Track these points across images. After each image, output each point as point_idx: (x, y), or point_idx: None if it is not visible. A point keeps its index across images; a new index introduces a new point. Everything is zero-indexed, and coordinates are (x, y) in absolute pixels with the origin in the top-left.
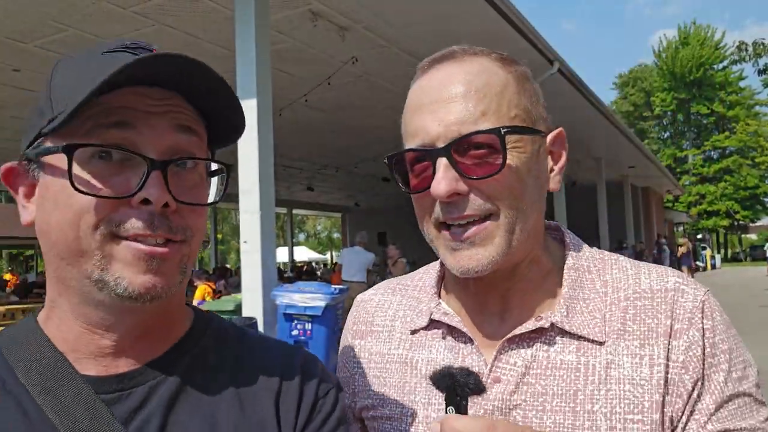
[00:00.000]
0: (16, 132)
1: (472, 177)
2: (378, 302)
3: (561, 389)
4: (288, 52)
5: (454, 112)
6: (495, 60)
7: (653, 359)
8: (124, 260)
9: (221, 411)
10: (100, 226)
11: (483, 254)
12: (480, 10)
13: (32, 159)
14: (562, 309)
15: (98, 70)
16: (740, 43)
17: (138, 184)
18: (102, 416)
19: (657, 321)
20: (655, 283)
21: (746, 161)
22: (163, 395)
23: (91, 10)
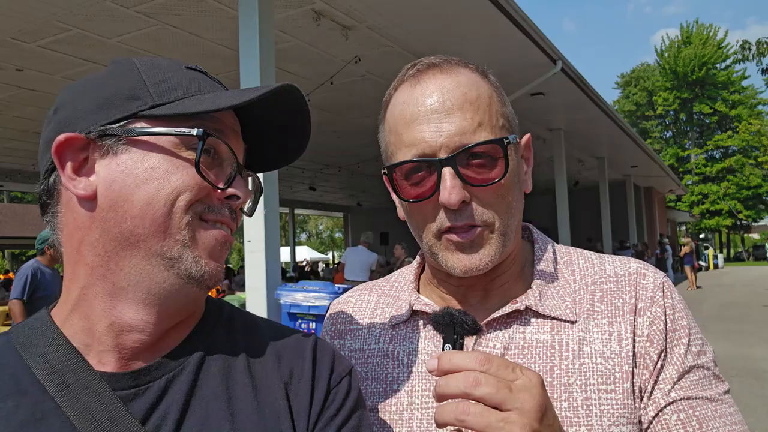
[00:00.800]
0: (19, 131)
1: (476, 185)
2: (355, 302)
3: (538, 366)
4: (291, 51)
5: (454, 123)
6: (475, 71)
7: (621, 335)
8: (206, 243)
9: (237, 402)
10: (194, 204)
11: (484, 254)
12: (484, 9)
13: (118, 134)
14: (536, 294)
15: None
16: (743, 42)
17: (227, 181)
18: (120, 416)
19: (622, 301)
20: (618, 268)
21: (749, 161)
22: (180, 389)
23: (94, 9)
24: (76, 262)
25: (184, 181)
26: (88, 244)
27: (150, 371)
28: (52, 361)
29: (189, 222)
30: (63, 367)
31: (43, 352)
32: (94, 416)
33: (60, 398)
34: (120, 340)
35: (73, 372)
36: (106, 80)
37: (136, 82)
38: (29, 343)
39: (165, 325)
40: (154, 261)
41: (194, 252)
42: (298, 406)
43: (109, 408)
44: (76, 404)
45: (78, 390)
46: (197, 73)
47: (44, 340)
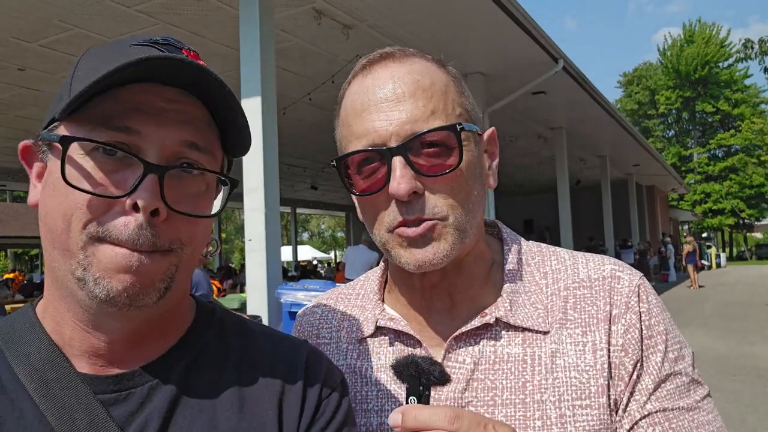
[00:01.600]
0: (21, 131)
1: (428, 175)
2: (321, 314)
3: (510, 382)
4: (292, 50)
5: (405, 110)
6: (432, 61)
7: (596, 345)
8: (104, 263)
9: (222, 413)
10: (88, 225)
11: (438, 248)
12: (485, 8)
13: (43, 141)
14: (506, 303)
15: (116, 62)
16: (746, 40)
17: (132, 186)
18: (100, 419)
19: (596, 308)
20: (592, 271)
21: (752, 159)
22: (163, 397)
23: (95, 9)
24: (46, 266)
25: (73, 198)
26: (43, 247)
27: (133, 377)
28: (33, 359)
29: (84, 244)
30: (44, 366)
31: (25, 349)
32: (73, 418)
33: (39, 397)
34: (86, 346)
35: (54, 372)
36: None
37: (68, 79)
38: (11, 340)
39: (130, 337)
40: (69, 278)
41: (94, 274)
42: (287, 417)
43: (89, 410)
44: (56, 405)
45: (58, 390)
46: (139, 48)
47: (27, 338)
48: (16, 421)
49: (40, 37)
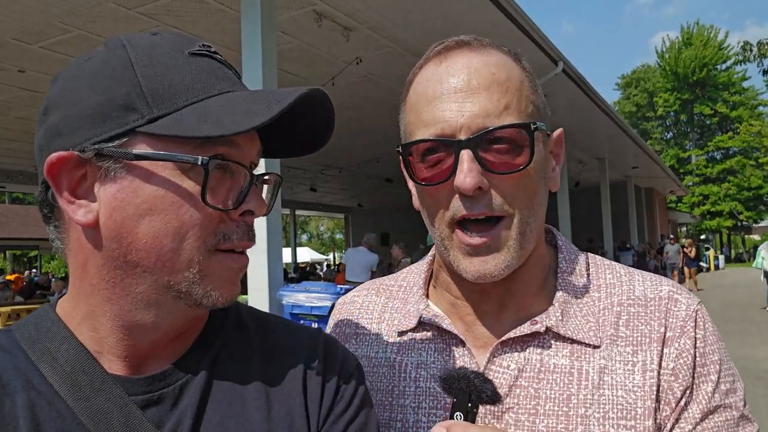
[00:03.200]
0: (20, 132)
1: (496, 172)
2: (362, 304)
3: (554, 393)
4: (292, 52)
5: (478, 103)
6: (508, 54)
7: (645, 366)
8: (219, 274)
9: (251, 404)
10: (207, 239)
11: (499, 259)
12: (485, 10)
13: (115, 156)
14: (557, 312)
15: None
16: (744, 43)
17: (240, 196)
18: (136, 421)
19: (650, 328)
20: (649, 290)
21: (750, 162)
22: (194, 395)
23: (96, 11)
24: (82, 279)
25: (192, 216)
26: (94, 267)
27: (164, 377)
28: (62, 362)
29: (202, 258)
30: (74, 369)
31: (52, 352)
32: (109, 421)
33: (72, 400)
34: (129, 351)
35: (86, 374)
36: (99, 78)
37: (131, 86)
38: (36, 342)
39: (173, 333)
40: (161, 291)
41: (205, 287)
42: (311, 404)
43: (124, 412)
44: (90, 408)
45: (90, 393)
46: (202, 60)
47: (53, 341)
48: (54, 421)
49: (40, 39)
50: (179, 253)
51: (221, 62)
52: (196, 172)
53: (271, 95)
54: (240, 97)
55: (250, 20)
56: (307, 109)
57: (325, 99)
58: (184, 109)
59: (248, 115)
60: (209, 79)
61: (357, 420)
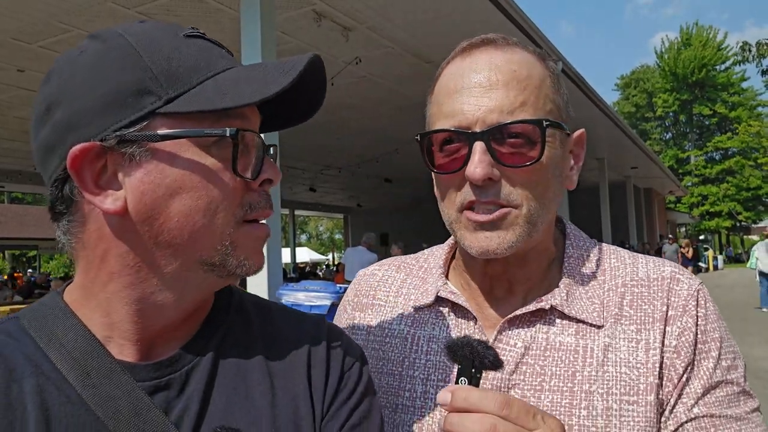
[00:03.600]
0: (19, 132)
1: (507, 164)
2: (381, 277)
3: (559, 369)
4: (292, 52)
5: (495, 98)
6: (533, 53)
7: (649, 344)
8: (249, 243)
9: (255, 389)
10: (236, 211)
11: (504, 237)
12: (484, 11)
13: (138, 140)
14: (563, 293)
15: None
16: (744, 43)
17: (258, 167)
18: (144, 406)
19: (653, 307)
20: (652, 271)
21: (748, 162)
22: (200, 380)
23: (95, 10)
24: (99, 269)
25: (222, 189)
26: (116, 256)
27: (171, 363)
28: (70, 348)
29: (233, 230)
30: (83, 355)
31: (60, 338)
32: (117, 406)
33: (80, 386)
34: (142, 334)
35: (94, 360)
36: (104, 68)
37: (141, 72)
38: (44, 329)
39: (185, 314)
40: (194, 266)
41: (238, 257)
42: (315, 390)
43: (132, 398)
44: (99, 394)
45: (99, 379)
46: (198, 40)
47: (61, 327)
48: (63, 406)
49: (39, 39)
50: (211, 227)
51: (214, 42)
52: (219, 146)
53: (279, 65)
54: (249, 70)
55: (250, 20)
56: (306, 76)
57: (321, 67)
58: (197, 87)
59: (266, 84)
60: (211, 57)
61: (361, 407)
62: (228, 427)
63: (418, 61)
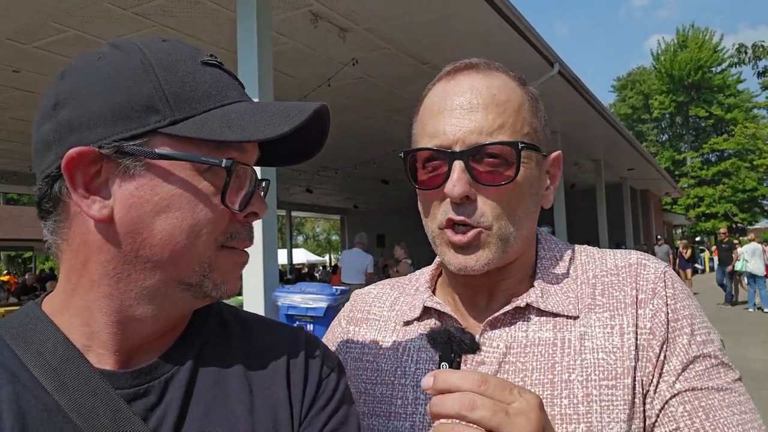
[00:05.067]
0: (15, 133)
1: (483, 183)
2: (376, 294)
3: (540, 364)
4: (288, 53)
5: (475, 120)
6: (513, 78)
7: (623, 328)
8: (226, 268)
9: (234, 397)
10: (218, 237)
11: (480, 256)
12: (481, 12)
13: (136, 154)
14: (537, 291)
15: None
16: (740, 45)
17: (245, 199)
18: (123, 414)
19: (624, 293)
20: (619, 260)
21: (744, 164)
22: (179, 388)
23: (91, 11)
24: (81, 275)
25: (207, 214)
26: (98, 263)
27: (150, 371)
28: (48, 357)
29: (212, 253)
30: (60, 363)
31: (38, 347)
32: (96, 414)
33: (58, 395)
34: (121, 345)
35: (72, 368)
36: (118, 78)
37: (153, 90)
38: (22, 338)
39: (164, 327)
40: (172, 284)
41: (215, 280)
42: (294, 395)
43: (110, 406)
44: (76, 402)
45: (77, 387)
46: (215, 70)
47: (39, 336)
48: (40, 414)
49: (35, 39)
50: (192, 248)
51: (229, 73)
52: (213, 173)
53: (286, 108)
54: (257, 107)
55: (246, 21)
56: (312, 123)
57: (327, 115)
58: (203, 114)
59: (271, 125)
60: (222, 87)
61: (339, 413)
62: None
63: (415, 63)
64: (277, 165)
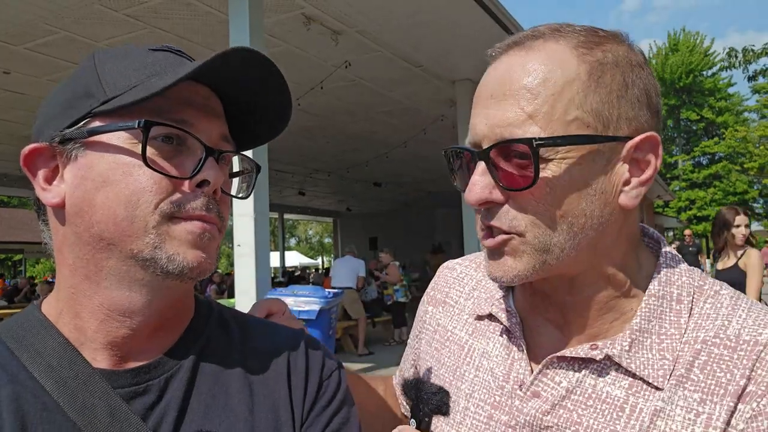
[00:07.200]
0: (6, 135)
1: (505, 187)
2: (459, 274)
3: (597, 423)
4: (281, 56)
5: (502, 110)
6: (574, 47)
7: (710, 420)
8: (180, 238)
9: (235, 397)
10: (160, 205)
11: (511, 266)
12: (474, 16)
13: (75, 138)
14: (625, 342)
15: (165, 62)
16: (730, 49)
17: (196, 167)
18: (122, 413)
19: (730, 376)
20: (746, 331)
21: (735, 167)
22: (178, 387)
23: (83, 12)
24: (61, 263)
25: (142, 181)
26: (68, 247)
27: (149, 370)
28: (47, 357)
29: (157, 223)
30: (60, 364)
31: (38, 348)
32: (94, 413)
33: (58, 394)
34: (111, 337)
35: (71, 369)
36: (69, 81)
37: (90, 78)
38: (21, 339)
39: (154, 321)
40: (129, 262)
41: (168, 251)
42: (295, 396)
43: (109, 405)
44: (75, 401)
45: (76, 387)
46: (160, 53)
47: (38, 337)
48: (40, 413)
49: (26, 40)
50: (133, 220)
51: (182, 55)
52: (154, 142)
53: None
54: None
55: (238, 23)
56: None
57: (263, 61)
58: (133, 89)
59: (175, 74)
60: (163, 65)
61: (340, 413)
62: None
63: (407, 65)
64: (258, 142)
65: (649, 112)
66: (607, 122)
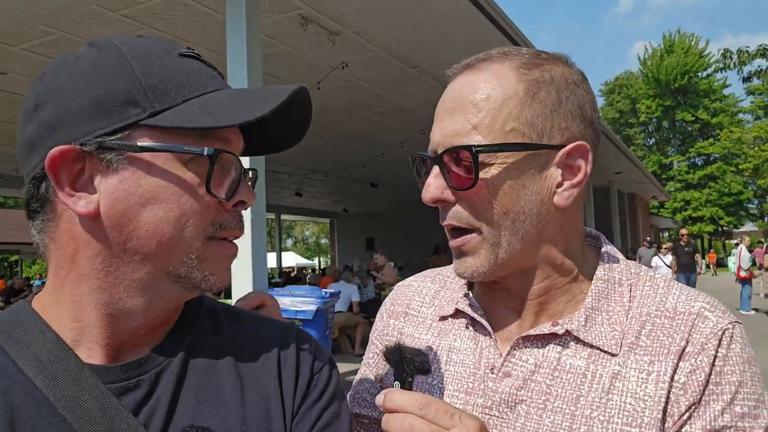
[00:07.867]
0: (2, 135)
1: (453, 188)
2: (416, 288)
3: (565, 392)
4: (278, 56)
5: (453, 122)
6: (516, 68)
7: (659, 376)
8: (215, 259)
9: (225, 391)
10: (206, 227)
11: (471, 263)
12: (470, 17)
13: (114, 148)
14: (581, 318)
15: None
16: (725, 50)
17: (232, 188)
18: (112, 408)
19: (671, 340)
20: (681, 304)
21: (730, 168)
22: (169, 381)
23: (80, 13)
24: (69, 270)
25: (193, 205)
26: (85, 258)
27: (140, 365)
28: (37, 352)
29: (200, 244)
30: (49, 358)
31: (27, 342)
32: (84, 408)
33: (47, 390)
34: (111, 339)
35: (61, 363)
36: (95, 75)
37: (130, 82)
38: (12, 334)
39: (154, 320)
40: (161, 276)
41: (204, 271)
42: (286, 391)
43: (99, 400)
44: (65, 396)
45: (66, 382)
46: (193, 61)
47: (29, 332)
48: (30, 407)
49: (23, 41)
50: (179, 240)
51: (206, 64)
52: (197, 163)
53: (264, 92)
54: (235, 94)
55: (235, 24)
56: (291, 106)
57: (307, 98)
58: (183, 104)
59: (248, 109)
60: (200, 77)
61: (331, 407)
62: (197, 426)
63: (404, 66)
64: (264, 153)
65: (582, 123)
66: (541, 132)
